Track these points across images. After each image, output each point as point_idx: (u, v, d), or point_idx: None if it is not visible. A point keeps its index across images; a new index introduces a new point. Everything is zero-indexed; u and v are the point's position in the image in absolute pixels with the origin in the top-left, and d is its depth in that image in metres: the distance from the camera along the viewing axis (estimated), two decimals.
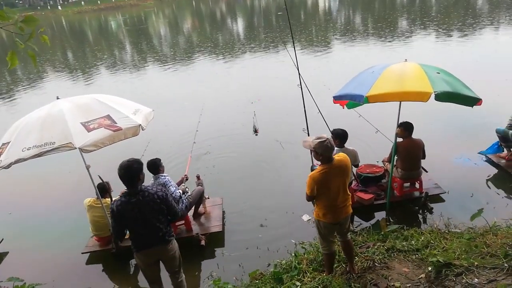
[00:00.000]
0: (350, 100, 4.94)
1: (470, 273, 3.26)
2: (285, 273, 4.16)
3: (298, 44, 18.91)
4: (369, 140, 7.10)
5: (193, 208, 5.55)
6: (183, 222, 5.38)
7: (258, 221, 5.66)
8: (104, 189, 5.10)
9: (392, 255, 4.04)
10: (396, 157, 5.39)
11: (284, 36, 21.73)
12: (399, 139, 5.33)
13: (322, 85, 9.34)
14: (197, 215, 5.65)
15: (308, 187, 3.53)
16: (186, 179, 5.64)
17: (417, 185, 5.70)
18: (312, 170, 3.68)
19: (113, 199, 3.59)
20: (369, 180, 5.73)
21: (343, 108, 5.49)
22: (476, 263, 3.35)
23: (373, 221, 5.44)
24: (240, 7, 46.85)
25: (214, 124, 9.23)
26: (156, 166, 5.01)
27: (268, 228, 5.51)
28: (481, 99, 4.47)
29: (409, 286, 3.41)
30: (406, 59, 4.86)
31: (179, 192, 5.08)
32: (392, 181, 5.51)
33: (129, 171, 3.39)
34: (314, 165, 5.35)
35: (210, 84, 13.44)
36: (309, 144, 3.48)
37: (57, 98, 4.82)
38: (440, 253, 3.72)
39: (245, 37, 25.33)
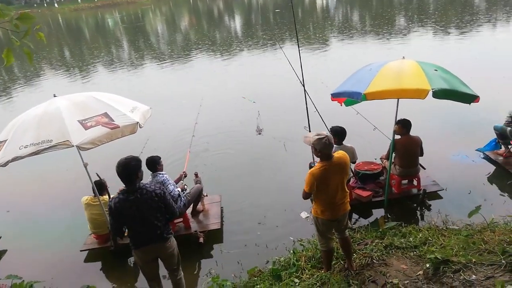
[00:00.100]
0: (348, 98, 4.94)
1: (468, 270, 3.27)
2: (284, 270, 4.17)
3: (295, 42, 18.84)
4: (367, 138, 7.10)
5: (192, 206, 5.55)
6: (182, 220, 5.38)
7: (257, 219, 5.67)
8: (102, 186, 5.10)
9: (390, 252, 4.06)
10: (394, 154, 5.40)
11: (282, 34, 21.71)
12: (397, 136, 5.34)
13: (320, 83, 9.36)
14: (196, 213, 5.65)
15: (307, 184, 3.53)
16: (185, 176, 5.62)
17: (415, 182, 5.71)
18: (311, 167, 3.68)
19: (111, 197, 3.57)
20: (367, 177, 5.74)
21: (341, 106, 5.50)
22: (474, 260, 3.36)
23: (371, 218, 5.45)
24: (238, 5, 46.70)
25: (212, 122, 9.21)
26: (155, 164, 5.00)
27: (267, 226, 5.52)
28: (479, 96, 4.48)
29: (407, 283, 3.41)
30: (404, 57, 4.86)
31: (178, 191, 5.08)
32: (390, 178, 5.53)
33: (127, 169, 3.38)
34: (313, 162, 5.36)
35: (208, 82, 13.41)
36: (309, 140, 3.50)
37: (54, 96, 4.80)
38: (438, 250, 3.73)
39: (243, 35, 25.25)
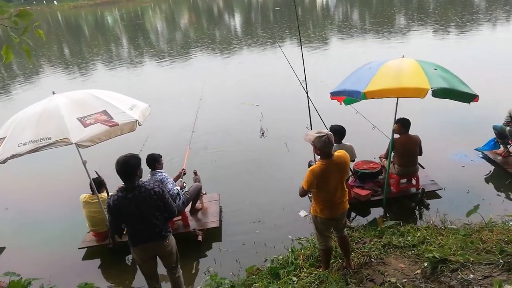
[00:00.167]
0: (348, 96, 4.94)
1: (466, 269, 3.28)
2: (282, 269, 4.17)
3: (296, 40, 18.85)
4: (366, 136, 7.09)
5: (191, 204, 5.55)
6: (180, 218, 5.38)
7: (255, 217, 5.67)
8: (100, 184, 5.09)
9: (389, 251, 4.06)
10: (393, 154, 5.40)
11: (282, 32, 21.69)
12: (396, 136, 5.34)
13: (319, 81, 9.35)
14: (195, 211, 5.65)
15: (307, 181, 3.53)
16: (184, 174, 5.60)
17: (414, 182, 5.71)
18: (310, 166, 3.68)
19: (110, 194, 3.57)
20: (366, 176, 5.75)
21: (341, 104, 5.50)
22: (472, 259, 3.37)
23: (370, 217, 5.45)
24: (238, 3, 46.59)
25: (212, 120, 9.21)
26: (154, 162, 4.99)
27: (265, 224, 5.52)
28: (478, 96, 4.48)
29: (405, 282, 3.42)
30: (404, 55, 4.86)
31: (177, 189, 5.07)
32: (389, 177, 5.53)
33: (127, 166, 3.38)
34: (312, 161, 5.37)
35: (208, 80, 13.38)
36: (310, 138, 3.51)
37: (53, 93, 4.79)
38: (436, 249, 3.74)
39: (243, 33, 25.22)
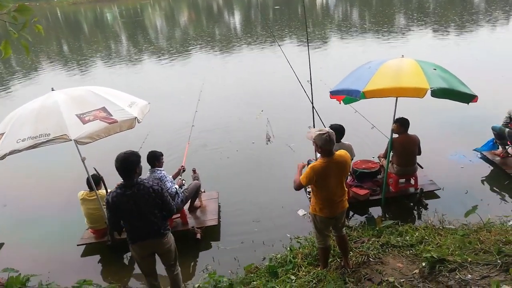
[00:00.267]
0: (347, 95, 4.94)
1: (464, 269, 3.28)
2: (280, 267, 4.18)
3: (295, 39, 18.84)
4: (365, 136, 7.11)
5: (189, 202, 5.54)
6: (179, 216, 5.37)
7: (254, 215, 5.67)
8: (98, 180, 5.08)
9: (387, 251, 4.07)
10: (392, 153, 5.40)
11: (282, 31, 21.65)
12: (395, 135, 5.34)
13: (319, 80, 9.33)
14: (193, 209, 5.64)
15: (306, 177, 3.54)
16: (183, 171, 5.59)
17: (412, 181, 5.72)
18: (309, 164, 3.68)
19: (109, 191, 3.56)
20: (365, 176, 5.75)
21: (340, 103, 5.50)
22: (470, 259, 3.37)
23: (368, 217, 5.46)
24: (237, 0, 46.52)
25: (211, 118, 9.20)
26: (154, 159, 4.98)
27: (264, 222, 5.52)
28: (477, 96, 4.48)
29: (403, 281, 3.42)
30: (403, 55, 4.86)
31: (175, 188, 5.06)
32: (388, 177, 5.54)
33: (126, 163, 3.37)
34: (311, 160, 5.38)
35: (207, 78, 13.36)
36: (311, 136, 3.52)
37: (52, 90, 4.78)
38: (434, 249, 3.75)
39: (242, 31, 25.19)
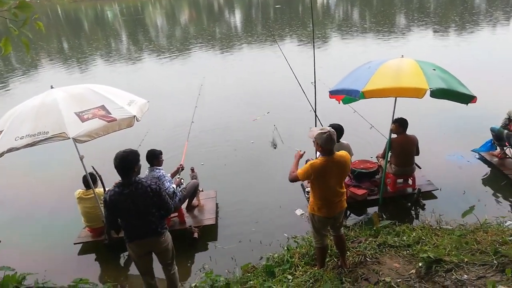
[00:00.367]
0: (346, 95, 4.95)
1: (460, 270, 3.29)
2: (277, 267, 4.18)
3: (295, 39, 18.83)
4: (364, 136, 7.11)
5: (187, 201, 5.55)
6: (177, 215, 5.37)
7: (251, 215, 5.68)
8: (95, 178, 5.08)
9: (384, 251, 4.07)
10: (390, 153, 5.41)
11: (282, 30, 21.63)
12: (394, 135, 5.35)
13: (318, 80, 9.33)
14: (191, 208, 5.64)
15: (304, 172, 3.55)
16: (182, 169, 5.59)
17: (410, 182, 5.73)
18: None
19: (107, 190, 3.56)
20: (363, 176, 5.75)
21: (339, 103, 5.50)
22: (466, 260, 3.38)
23: (366, 216, 5.47)
24: None
25: (211, 118, 9.20)
26: (153, 157, 4.98)
27: (261, 222, 5.52)
28: (476, 97, 4.49)
29: (400, 281, 3.43)
30: (403, 55, 4.86)
31: (173, 187, 5.06)
32: (386, 177, 5.54)
33: (125, 162, 3.37)
34: (310, 159, 5.37)
35: (207, 77, 13.36)
36: (313, 134, 3.54)
37: (51, 87, 4.77)
38: (431, 249, 3.76)
39: (243, 30, 25.17)
